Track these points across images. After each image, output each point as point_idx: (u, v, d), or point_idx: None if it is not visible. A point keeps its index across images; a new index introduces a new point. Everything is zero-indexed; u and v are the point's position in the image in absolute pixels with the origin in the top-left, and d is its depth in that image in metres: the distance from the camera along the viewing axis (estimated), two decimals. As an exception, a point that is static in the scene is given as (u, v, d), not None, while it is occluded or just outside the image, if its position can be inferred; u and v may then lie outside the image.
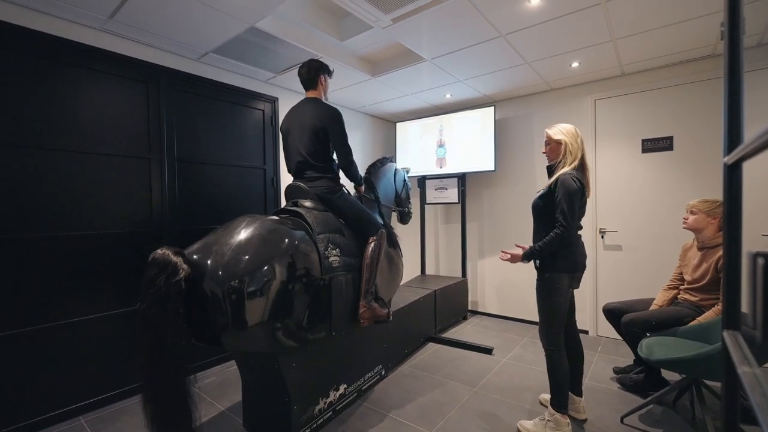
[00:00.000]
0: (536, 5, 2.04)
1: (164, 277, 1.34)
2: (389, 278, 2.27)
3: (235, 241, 1.53)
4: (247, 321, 1.47)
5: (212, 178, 2.76)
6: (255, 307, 1.48)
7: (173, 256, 1.40)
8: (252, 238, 1.56)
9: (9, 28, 1.89)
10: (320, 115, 1.96)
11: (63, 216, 2.06)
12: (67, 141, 2.08)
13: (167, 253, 1.40)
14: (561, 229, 1.74)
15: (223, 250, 1.50)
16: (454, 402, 2.19)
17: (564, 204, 1.74)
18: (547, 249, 1.78)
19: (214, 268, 1.45)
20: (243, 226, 1.60)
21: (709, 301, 2.07)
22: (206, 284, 1.44)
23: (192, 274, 1.42)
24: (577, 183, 1.76)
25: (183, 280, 1.37)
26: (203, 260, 1.47)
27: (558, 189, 1.77)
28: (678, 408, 2.08)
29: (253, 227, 1.60)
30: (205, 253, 1.50)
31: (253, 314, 1.48)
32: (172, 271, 1.36)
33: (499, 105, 3.78)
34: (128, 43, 2.31)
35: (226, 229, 1.61)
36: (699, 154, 2.85)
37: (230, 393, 2.33)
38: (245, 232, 1.57)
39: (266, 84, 3.12)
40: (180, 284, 1.36)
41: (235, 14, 2.06)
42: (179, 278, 1.36)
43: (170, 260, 1.38)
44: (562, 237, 1.74)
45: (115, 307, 2.25)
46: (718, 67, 2.75)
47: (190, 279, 1.41)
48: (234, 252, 1.50)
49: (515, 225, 3.73)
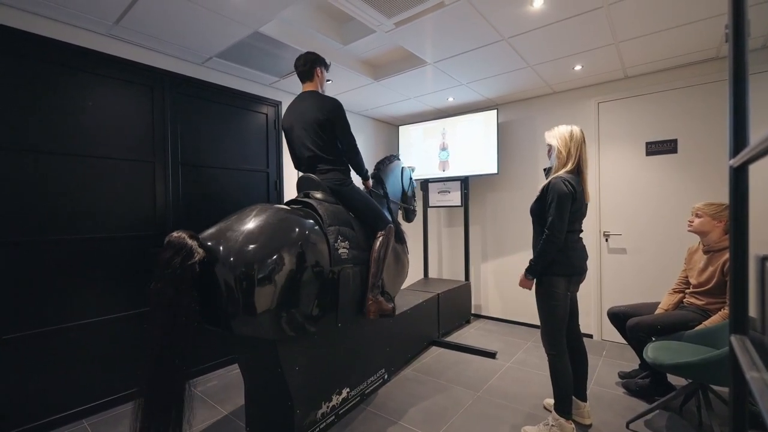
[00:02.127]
0: (539, 9, 2.04)
1: (179, 259, 1.37)
2: (395, 274, 2.29)
3: (247, 228, 1.56)
4: (257, 308, 1.49)
5: (216, 182, 2.77)
6: (264, 295, 1.50)
7: (189, 239, 1.43)
8: (264, 226, 1.58)
9: (16, 33, 1.91)
10: (322, 106, 1.97)
11: (68, 219, 2.08)
12: (73, 145, 2.10)
13: (183, 236, 1.43)
14: (547, 234, 1.75)
15: (235, 237, 1.52)
16: (457, 406, 2.18)
17: (553, 208, 1.73)
18: (543, 257, 1.78)
19: (227, 254, 1.48)
20: (255, 214, 1.62)
21: (716, 304, 2.05)
22: (218, 270, 1.47)
23: (206, 258, 1.45)
24: (568, 186, 1.74)
25: (197, 264, 1.40)
26: (216, 246, 1.50)
27: (548, 193, 1.77)
28: (684, 413, 2.05)
29: (265, 215, 1.62)
30: (218, 239, 1.53)
31: (262, 301, 1.50)
32: (187, 254, 1.39)
33: (502, 108, 3.77)
34: (133, 48, 2.33)
35: (239, 216, 1.63)
36: (703, 157, 2.83)
37: (233, 396, 2.32)
38: (257, 220, 1.59)
39: (269, 88, 3.14)
40: (195, 267, 1.39)
41: (239, 19, 2.07)
42: (194, 261, 1.39)
43: (186, 243, 1.41)
44: (550, 242, 1.74)
45: (120, 310, 2.26)
46: (721, 69, 2.74)
47: (204, 263, 1.44)
48: (245, 239, 1.52)
49: (518, 229, 3.72)
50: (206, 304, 1.51)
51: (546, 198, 1.79)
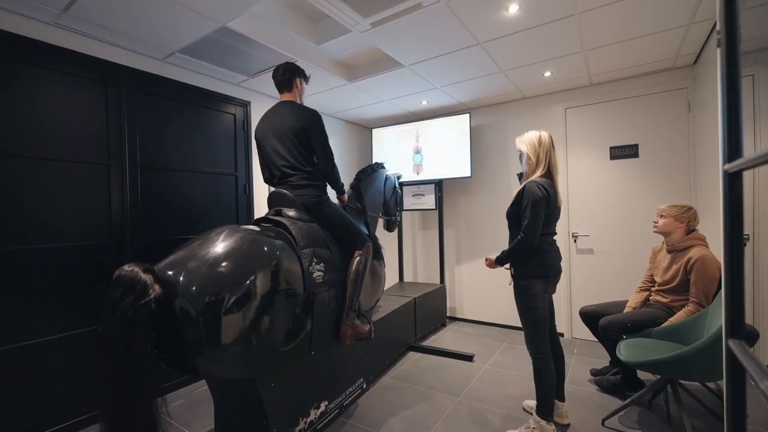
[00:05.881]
0: (513, 14, 2.07)
1: (132, 298, 1.18)
2: (372, 291, 2.22)
3: (211, 254, 1.41)
4: (222, 340, 1.34)
5: (179, 186, 2.59)
6: (231, 326, 1.36)
7: (142, 273, 1.24)
8: (230, 251, 1.43)
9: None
10: (300, 116, 1.87)
11: (11, 228, 1.85)
12: (17, 146, 1.88)
13: (135, 270, 1.24)
14: (521, 237, 1.78)
15: (197, 265, 1.37)
16: (438, 413, 2.14)
17: (528, 211, 1.76)
18: (512, 255, 1.85)
19: (187, 284, 1.32)
20: (221, 239, 1.47)
21: (680, 301, 2.14)
22: (178, 302, 1.30)
23: (163, 294, 1.27)
24: (542, 190, 1.77)
25: (153, 301, 1.22)
26: (176, 277, 1.33)
27: (523, 197, 1.80)
28: (654, 407, 2.13)
29: (232, 239, 1.47)
30: (178, 268, 1.36)
31: (229, 333, 1.36)
32: (140, 292, 1.20)
33: (474, 112, 3.82)
34: (85, 40, 2.13)
35: (202, 241, 1.48)
36: (661, 162, 3.00)
37: (201, 416, 2.16)
38: (223, 245, 1.44)
39: (238, 87, 2.99)
40: (150, 306, 1.21)
41: (204, 12, 1.94)
42: (149, 299, 1.21)
43: (139, 279, 1.22)
44: (523, 244, 1.78)
45: (72, 327, 2.04)
46: (678, 78, 2.91)
47: (160, 300, 1.26)
48: (210, 266, 1.37)
49: (491, 231, 3.77)
50: (165, 345, 1.34)
51: (521, 202, 1.81)
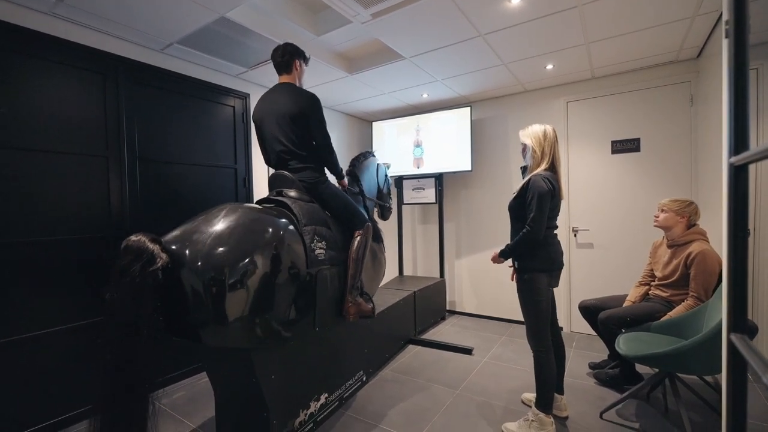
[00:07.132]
0: (516, 5, 2.04)
1: (139, 266, 1.23)
2: (373, 274, 2.25)
3: (215, 229, 1.43)
4: (228, 315, 1.38)
5: (178, 178, 2.57)
6: (236, 301, 1.40)
7: (150, 243, 1.28)
8: (234, 227, 1.46)
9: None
10: (298, 100, 1.87)
11: (9, 221, 1.84)
12: (14, 138, 1.86)
13: (143, 239, 1.28)
14: (527, 230, 1.77)
15: (203, 239, 1.39)
16: (437, 406, 2.16)
17: (534, 204, 1.75)
18: (517, 249, 1.85)
19: (194, 258, 1.35)
20: (224, 214, 1.49)
21: (679, 296, 2.15)
22: (184, 275, 1.34)
23: (170, 264, 1.31)
24: (547, 184, 1.77)
25: (160, 270, 1.26)
26: (182, 249, 1.37)
27: (528, 190, 1.80)
28: (651, 401, 2.15)
29: (236, 215, 1.50)
30: (183, 241, 1.39)
31: (234, 308, 1.39)
32: (148, 260, 1.25)
33: (475, 106, 3.80)
34: (82, 30, 2.10)
35: (206, 216, 1.50)
36: (663, 156, 2.98)
37: (202, 408, 2.17)
38: (227, 221, 1.47)
39: (237, 79, 2.96)
40: (157, 274, 1.25)
41: (203, 2, 1.91)
42: (156, 268, 1.25)
43: (146, 247, 1.27)
44: (528, 238, 1.77)
45: (70, 320, 2.04)
46: (680, 72, 2.89)
47: (167, 269, 1.30)
48: (214, 241, 1.39)
49: (492, 225, 3.77)
50: (171, 314, 1.37)
51: (526, 195, 1.81)
